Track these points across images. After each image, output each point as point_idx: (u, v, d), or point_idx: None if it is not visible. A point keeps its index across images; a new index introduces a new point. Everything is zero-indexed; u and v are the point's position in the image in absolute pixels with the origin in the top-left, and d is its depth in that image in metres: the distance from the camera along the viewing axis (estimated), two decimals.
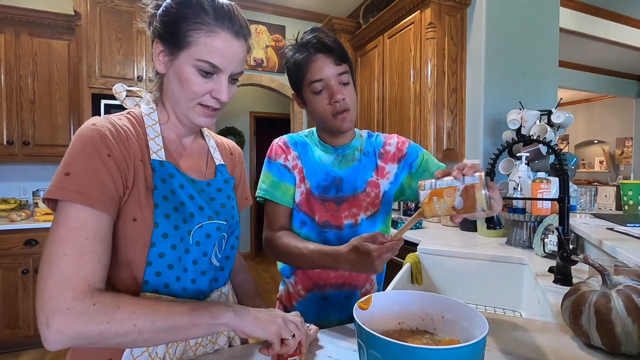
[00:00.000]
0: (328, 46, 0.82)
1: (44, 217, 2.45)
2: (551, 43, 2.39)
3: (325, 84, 0.82)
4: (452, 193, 0.56)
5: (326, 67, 0.81)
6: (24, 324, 2.36)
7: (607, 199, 2.25)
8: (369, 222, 0.91)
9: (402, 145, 0.95)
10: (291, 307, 0.93)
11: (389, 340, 0.42)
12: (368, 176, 0.92)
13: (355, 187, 0.90)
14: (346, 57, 0.84)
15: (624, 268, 0.79)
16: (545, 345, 0.67)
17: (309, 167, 0.92)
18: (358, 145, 0.95)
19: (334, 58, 0.82)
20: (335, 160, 0.92)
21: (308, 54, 0.82)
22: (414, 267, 1.51)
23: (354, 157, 0.93)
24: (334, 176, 0.91)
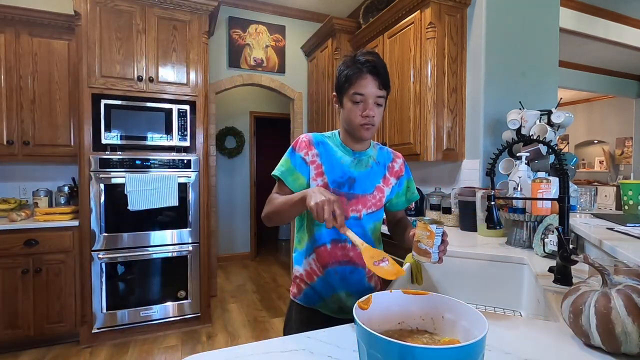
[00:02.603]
0: (378, 71, 0.98)
1: (44, 217, 2.45)
2: (551, 43, 2.39)
3: (365, 98, 0.98)
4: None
5: (371, 86, 0.98)
6: (24, 324, 2.36)
7: (607, 199, 2.25)
8: (369, 216, 1.09)
9: (403, 167, 1.16)
10: (312, 282, 1.09)
11: (389, 340, 0.42)
12: (377, 182, 1.10)
13: (365, 189, 1.07)
14: (388, 86, 1.01)
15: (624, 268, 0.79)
16: (545, 345, 0.67)
17: (329, 164, 1.06)
18: (372, 154, 1.11)
19: (379, 82, 0.98)
20: (353, 163, 1.08)
21: (361, 71, 0.98)
22: (414, 267, 1.50)
23: (368, 164, 1.09)
24: (349, 175, 1.06)
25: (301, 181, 1.06)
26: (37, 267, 2.37)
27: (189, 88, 2.71)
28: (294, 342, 0.70)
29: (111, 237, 2.51)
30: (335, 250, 1.07)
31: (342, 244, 1.07)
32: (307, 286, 1.11)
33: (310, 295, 1.11)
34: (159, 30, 2.61)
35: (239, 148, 4.80)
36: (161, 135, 2.65)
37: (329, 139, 1.10)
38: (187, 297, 2.70)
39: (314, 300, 1.10)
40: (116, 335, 2.54)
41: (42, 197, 2.69)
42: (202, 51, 2.73)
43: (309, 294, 1.11)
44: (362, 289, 1.09)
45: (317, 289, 1.10)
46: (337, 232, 1.05)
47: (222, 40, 3.43)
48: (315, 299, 1.10)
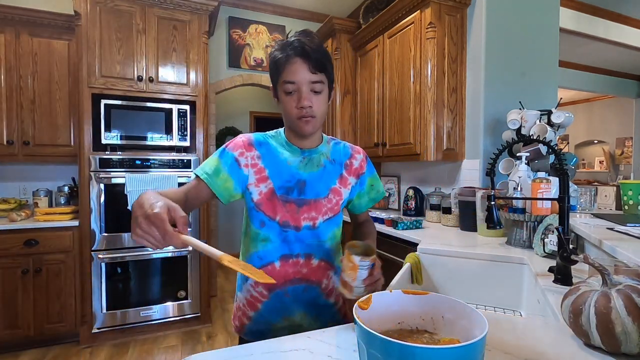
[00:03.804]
0: (307, 53, 0.84)
1: (44, 217, 2.45)
2: (551, 43, 2.39)
3: (297, 87, 0.85)
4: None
5: (301, 71, 0.84)
6: (24, 324, 2.36)
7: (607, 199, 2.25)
8: (326, 224, 0.95)
9: (363, 164, 1.03)
10: (256, 310, 0.93)
11: (389, 340, 0.42)
12: (332, 183, 0.96)
13: (318, 193, 0.93)
14: (324, 68, 0.86)
15: (624, 268, 0.79)
16: (545, 345, 0.67)
17: (274, 167, 0.92)
18: (324, 152, 0.97)
19: (310, 65, 0.84)
20: (301, 163, 0.94)
21: (287, 55, 0.84)
22: (414, 266, 1.51)
23: (320, 163, 0.95)
24: (298, 178, 0.92)
25: (228, 184, 0.89)
26: (37, 267, 2.37)
27: (189, 88, 2.71)
28: (294, 342, 0.70)
29: (111, 237, 2.51)
30: (286, 267, 0.92)
31: (294, 259, 0.92)
32: (250, 320, 0.95)
33: (255, 330, 0.94)
34: (159, 30, 2.61)
35: None
36: (161, 135, 2.65)
37: (273, 138, 0.96)
38: (187, 297, 2.70)
39: (260, 333, 0.93)
40: (116, 335, 2.54)
41: (42, 197, 2.69)
42: (202, 51, 2.73)
43: (253, 330, 0.95)
44: (320, 307, 0.96)
45: (262, 318, 0.93)
46: (288, 246, 0.92)
47: (222, 40, 3.43)
48: (262, 332, 0.93)
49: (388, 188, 3.13)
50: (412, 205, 2.58)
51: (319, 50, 0.86)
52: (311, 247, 0.94)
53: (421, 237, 1.80)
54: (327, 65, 0.87)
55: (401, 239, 1.96)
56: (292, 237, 0.92)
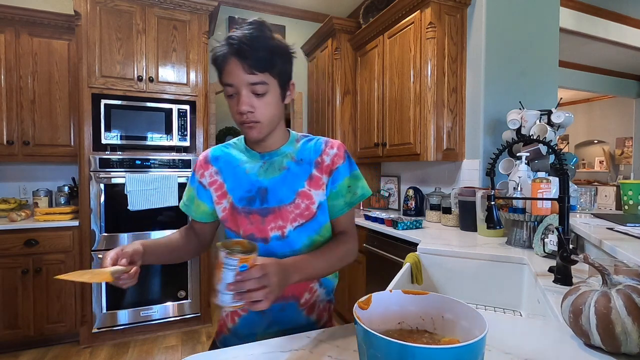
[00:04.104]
0: (242, 51, 0.73)
1: (44, 217, 2.45)
2: (551, 43, 2.39)
3: (236, 89, 0.76)
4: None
5: (237, 72, 0.74)
6: (24, 324, 2.36)
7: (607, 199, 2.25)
8: (297, 232, 0.84)
9: (337, 160, 0.86)
10: (234, 324, 0.89)
11: (389, 340, 0.42)
12: (298, 186, 0.84)
13: (281, 199, 0.83)
14: (266, 66, 0.75)
15: (624, 268, 0.79)
16: (545, 345, 0.67)
17: (232, 179, 0.86)
18: (289, 152, 0.87)
19: (246, 65, 0.73)
20: (261, 169, 0.85)
21: (224, 53, 0.75)
22: (414, 266, 1.51)
23: (282, 166, 0.85)
24: (258, 187, 0.84)
25: (203, 208, 0.90)
26: (37, 267, 2.37)
27: (189, 88, 2.71)
28: (294, 342, 0.70)
29: (111, 237, 2.51)
30: None
31: None
32: (229, 332, 0.90)
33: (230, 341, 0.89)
34: (159, 30, 2.61)
35: None
36: (161, 135, 2.65)
37: (234, 146, 0.91)
38: (187, 297, 2.70)
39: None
40: (116, 336, 2.54)
41: (42, 197, 2.69)
42: (202, 51, 2.73)
43: (227, 340, 0.90)
44: (302, 327, 0.86)
45: (239, 332, 0.88)
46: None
47: None
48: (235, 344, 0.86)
49: (388, 188, 3.13)
50: (412, 205, 2.58)
51: (258, 46, 0.74)
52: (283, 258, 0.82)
53: (421, 237, 1.80)
54: (271, 63, 0.76)
55: (401, 239, 1.96)
56: (260, 251, 0.82)
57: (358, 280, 2.50)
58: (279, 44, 0.78)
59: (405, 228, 2.04)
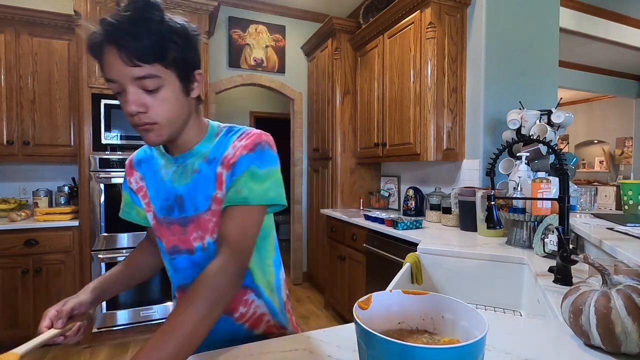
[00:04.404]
0: (119, 38, 0.58)
1: (44, 217, 2.45)
2: (551, 43, 2.39)
3: (120, 86, 0.62)
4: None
5: (116, 65, 0.60)
6: (24, 323, 2.36)
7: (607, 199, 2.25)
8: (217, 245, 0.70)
9: (241, 151, 0.70)
10: None
11: (389, 340, 0.42)
12: (211, 190, 0.71)
13: (197, 206, 0.72)
14: (153, 56, 0.60)
15: (624, 268, 0.79)
16: (545, 345, 0.67)
17: (154, 186, 0.77)
18: (204, 151, 0.73)
19: (126, 56, 0.59)
20: (175, 174, 0.74)
21: (100, 40, 0.60)
22: (414, 266, 1.51)
23: (194, 168, 0.73)
24: (175, 194, 0.74)
25: (142, 214, 0.82)
26: (37, 267, 2.37)
27: None
28: (294, 342, 0.70)
29: (111, 237, 2.51)
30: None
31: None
32: None
33: None
34: None
35: None
36: None
37: (158, 148, 0.79)
38: None
39: None
40: (116, 336, 2.54)
41: (42, 197, 2.69)
42: (202, 51, 2.73)
43: None
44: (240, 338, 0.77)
45: None
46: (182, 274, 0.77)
47: (222, 40, 3.43)
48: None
49: (388, 188, 3.13)
50: (412, 205, 2.58)
51: (141, 31, 0.59)
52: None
53: (421, 237, 1.80)
54: (162, 52, 0.61)
55: (401, 239, 1.96)
56: (186, 263, 0.76)
57: (358, 280, 2.50)
58: (172, 27, 0.63)
59: (405, 228, 2.04)
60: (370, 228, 2.30)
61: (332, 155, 3.20)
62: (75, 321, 0.72)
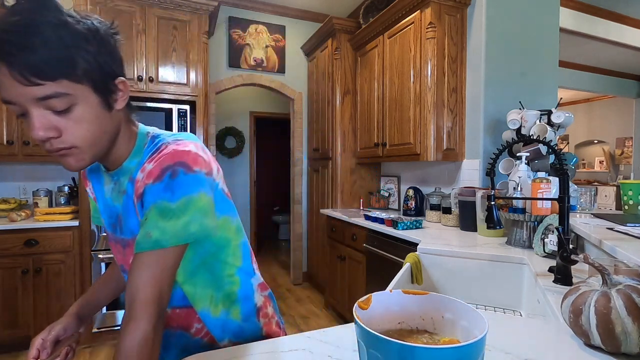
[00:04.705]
0: (4, 52, 0.47)
1: (44, 217, 2.45)
2: (551, 43, 2.39)
3: (21, 109, 0.51)
4: None
5: (9, 85, 0.48)
6: (24, 324, 2.36)
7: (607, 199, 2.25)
8: None
9: (144, 182, 0.58)
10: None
11: (389, 340, 0.42)
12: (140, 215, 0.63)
13: (132, 230, 0.65)
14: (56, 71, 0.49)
15: (624, 268, 0.79)
16: (545, 345, 0.67)
17: (100, 200, 0.72)
18: (132, 167, 0.64)
19: (18, 73, 0.47)
20: (113, 192, 0.67)
21: None
22: (414, 266, 1.51)
23: (122, 189, 0.65)
24: (116, 213, 0.67)
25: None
26: (37, 267, 2.37)
27: (189, 88, 2.71)
28: (294, 342, 0.70)
29: None
30: None
31: None
32: None
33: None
34: (159, 30, 2.61)
35: (239, 148, 4.80)
36: None
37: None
38: None
39: None
40: (116, 336, 2.54)
41: (42, 197, 2.69)
42: (202, 51, 2.73)
43: None
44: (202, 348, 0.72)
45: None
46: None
47: (222, 40, 3.43)
48: None
49: (388, 188, 3.13)
50: (412, 205, 2.58)
51: (36, 40, 0.47)
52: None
53: (421, 237, 1.80)
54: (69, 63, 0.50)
55: (401, 239, 1.96)
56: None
57: (358, 280, 2.50)
58: (79, 30, 0.51)
59: (405, 228, 2.04)
60: (370, 228, 2.30)
61: (332, 155, 3.20)
62: (63, 346, 0.74)
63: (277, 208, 6.41)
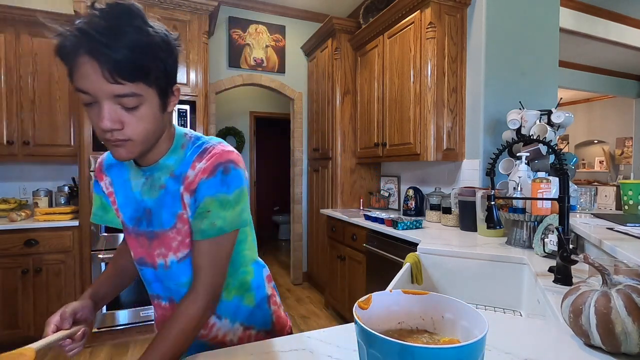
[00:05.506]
0: (100, 50, 0.52)
1: (44, 217, 2.45)
2: (551, 43, 2.39)
3: (95, 99, 0.56)
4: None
5: (94, 79, 0.54)
6: (24, 324, 2.36)
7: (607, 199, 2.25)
8: (182, 265, 0.71)
9: (201, 176, 0.66)
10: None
11: (389, 340, 0.42)
12: (177, 208, 0.69)
13: (162, 223, 0.70)
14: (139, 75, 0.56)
15: (624, 268, 0.79)
16: (545, 345, 0.67)
17: (122, 194, 0.75)
18: (170, 165, 0.70)
19: (107, 72, 0.53)
20: (145, 187, 0.71)
21: (75, 46, 0.54)
22: (414, 266, 1.51)
23: (160, 184, 0.70)
24: (143, 207, 0.72)
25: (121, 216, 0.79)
26: (37, 267, 2.37)
27: (189, 88, 2.71)
28: (294, 342, 0.70)
29: (111, 237, 2.51)
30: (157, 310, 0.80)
31: (157, 302, 0.79)
32: None
33: None
34: None
35: (239, 148, 4.80)
36: None
37: None
38: None
39: None
40: (116, 336, 2.54)
41: (42, 197, 2.69)
42: (202, 51, 2.73)
43: None
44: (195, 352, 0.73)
45: None
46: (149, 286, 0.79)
47: (222, 40, 3.43)
48: None
49: (388, 188, 3.13)
50: (412, 205, 2.58)
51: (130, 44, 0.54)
52: (170, 290, 0.74)
53: (421, 237, 1.80)
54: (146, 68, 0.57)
55: (401, 239, 1.96)
56: (151, 276, 0.76)
57: (358, 280, 2.50)
58: (156, 40, 0.58)
59: (405, 228, 2.04)
60: (370, 228, 2.30)
61: (332, 155, 3.20)
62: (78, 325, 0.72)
63: (277, 208, 6.41)
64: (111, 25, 0.53)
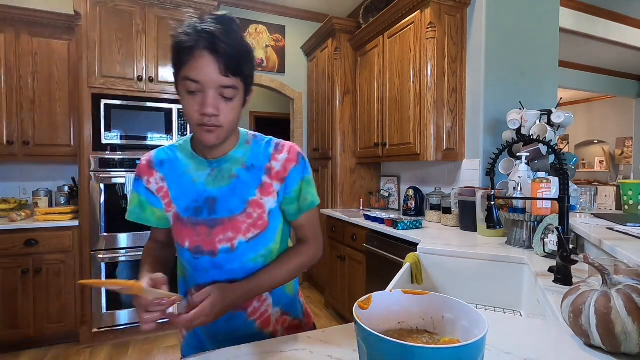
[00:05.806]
0: (220, 48, 0.66)
1: (44, 217, 2.45)
2: (551, 43, 2.39)
3: (202, 87, 0.68)
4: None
5: (208, 70, 0.66)
6: (24, 324, 2.36)
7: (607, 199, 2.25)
8: (251, 245, 0.79)
9: (288, 165, 0.81)
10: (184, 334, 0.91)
11: (389, 340, 0.42)
12: (249, 195, 0.79)
13: (232, 209, 0.78)
14: (240, 71, 0.69)
15: (624, 268, 0.79)
16: (545, 345, 0.67)
17: (178, 187, 0.80)
18: (239, 157, 0.80)
19: (222, 66, 0.67)
20: (210, 177, 0.79)
21: (196, 44, 0.66)
22: (414, 266, 1.51)
23: (232, 173, 0.79)
24: (206, 196, 0.78)
25: (159, 214, 0.85)
26: (37, 267, 2.37)
27: None
28: (294, 342, 0.70)
29: (111, 237, 2.51)
30: None
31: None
32: (184, 340, 0.91)
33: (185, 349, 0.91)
34: (159, 30, 2.61)
35: None
36: (161, 135, 2.65)
37: (180, 149, 0.83)
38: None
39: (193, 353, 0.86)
40: (116, 335, 2.54)
41: (42, 197, 2.69)
42: None
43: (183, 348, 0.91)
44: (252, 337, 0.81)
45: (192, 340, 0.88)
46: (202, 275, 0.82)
47: None
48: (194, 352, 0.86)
49: (388, 188, 3.13)
50: (412, 205, 2.58)
51: (237, 46, 0.68)
52: (232, 272, 0.80)
53: (421, 237, 1.80)
54: (244, 67, 0.70)
55: (401, 239, 1.96)
56: (207, 264, 0.80)
57: (358, 280, 2.50)
58: (249, 46, 0.73)
59: (405, 228, 2.04)
60: (370, 228, 2.30)
61: (332, 155, 3.20)
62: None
63: None
64: (226, 29, 0.67)
